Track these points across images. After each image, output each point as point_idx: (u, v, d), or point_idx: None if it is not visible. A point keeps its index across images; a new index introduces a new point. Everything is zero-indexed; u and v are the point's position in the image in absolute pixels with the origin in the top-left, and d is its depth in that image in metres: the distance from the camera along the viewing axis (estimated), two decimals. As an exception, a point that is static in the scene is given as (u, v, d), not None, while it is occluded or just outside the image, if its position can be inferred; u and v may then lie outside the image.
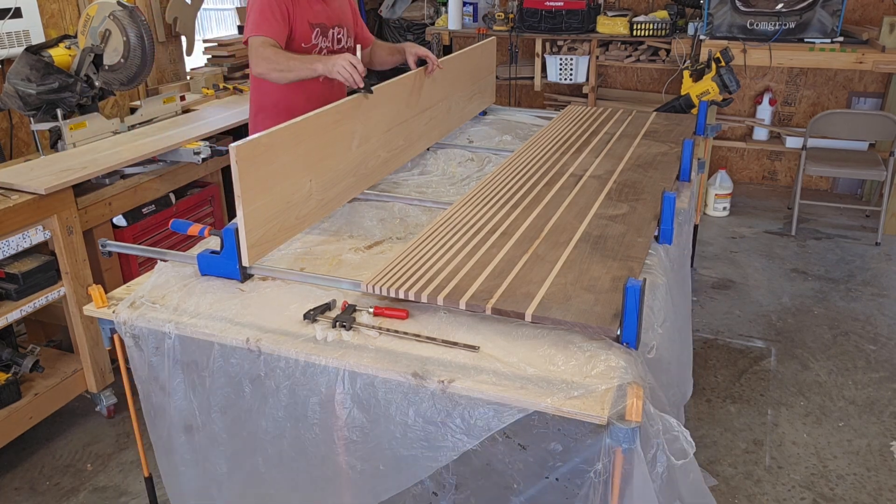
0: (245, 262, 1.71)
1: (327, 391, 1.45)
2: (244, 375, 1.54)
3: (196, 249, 1.88)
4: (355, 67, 2.21)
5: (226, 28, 7.77)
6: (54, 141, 2.99)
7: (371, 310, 1.56)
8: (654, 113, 3.18)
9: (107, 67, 3.07)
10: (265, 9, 2.38)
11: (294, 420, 1.51)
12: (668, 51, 4.93)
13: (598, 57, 5.12)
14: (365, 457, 1.47)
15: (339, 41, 2.64)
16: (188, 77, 4.20)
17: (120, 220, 2.94)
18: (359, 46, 2.39)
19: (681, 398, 2.07)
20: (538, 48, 5.22)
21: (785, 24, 4.36)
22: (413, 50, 2.71)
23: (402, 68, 2.69)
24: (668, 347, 1.75)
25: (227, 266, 1.72)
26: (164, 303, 1.64)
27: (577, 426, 1.30)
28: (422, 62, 2.66)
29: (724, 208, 4.93)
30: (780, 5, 4.34)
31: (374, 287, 1.58)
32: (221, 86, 4.10)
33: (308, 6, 2.50)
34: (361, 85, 2.21)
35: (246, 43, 2.41)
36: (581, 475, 1.33)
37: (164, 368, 1.62)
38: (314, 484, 1.55)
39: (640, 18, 4.94)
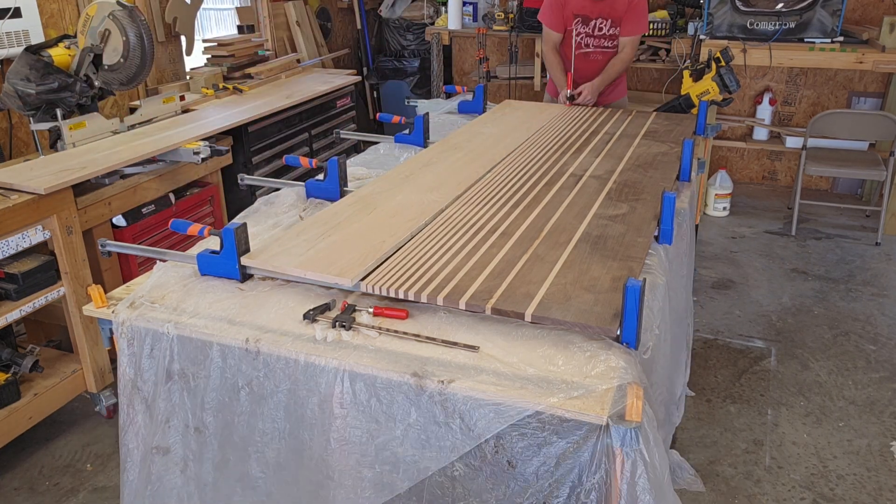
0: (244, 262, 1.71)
1: (327, 391, 1.45)
2: (241, 377, 1.53)
3: (196, 249, 1.88)
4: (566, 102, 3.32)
5: (225, 28, 7.76)
6: (54, 141, 2.98)
7: (371, 310, 1.55)
8: (654, 113, 3.17)
9: (106, 67, 3.06)
10: (548, 4, 3.42)
11: (293, 421, 1.51)
12: (668, 50, 4.92)
13: (597, 57, 5.11)
14: (364, 457, 1.46)
15: (599, 29, 3.39)
16: (188, 77, 4.20)
17: (119, 220, 2.93)
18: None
19: (669, 397, 2.06)
20: (538, 48, 5.21)
21: (785, 24, 4.36)
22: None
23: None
24: (661, 347, 1.74)
25: (226, 266, 1.72)
26: (164, 303, 1.64)
27: (575, 430, 1.29)
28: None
29: (724, 208, 4.93)
30: (780, 5, 4.34)
31: (373, 287, 1.57)
32: (221, 86, 4.09)
33: (577, 3, 3.34)
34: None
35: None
36: (577, 484, 1.32)
37: (153, 374, 1.60)
38: (312, 486, 1.54)
39: (640, 18, 4.93)
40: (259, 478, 1.59)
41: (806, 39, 4.36)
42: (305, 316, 1.54)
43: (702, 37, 4.55)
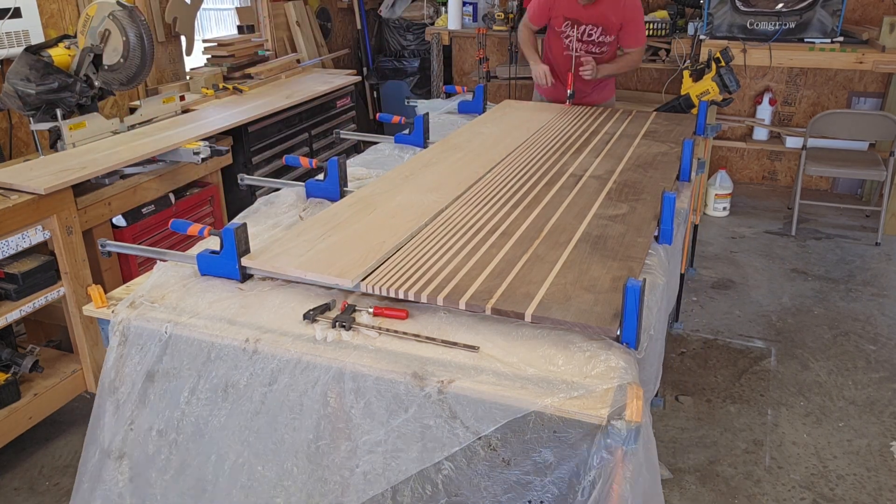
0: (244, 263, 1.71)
1: (326, 391, 1.45)
2: (239, 377, 1.52)
3: (196, 249, 1.88)
4: (544, 77, 3.39)
5: (225, 28, 7.75)
6: (54, 141, 2.98)
7: (371, 310, 1.55)
8: (654, 113, 3.18)
9: (106, 67, 3.07)
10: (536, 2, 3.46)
11: (291, 420, 1.51)
12: (668, 51, 4.92)
13: (597, 57, 5.11)
14: (363, 456, 1.46)
15: (589, 35, 3.38)
16: (188, 77, 4.20)
17: (119, 220, 2.93)
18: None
19: (649, 395, 2.07)
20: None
21: (785, 24, 4.36)
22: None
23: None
24: (652, 346, 1.74)
25: (226, 266, 1.72)
26: (164, 302, 1.64)
27: (575, 430, 1.29)
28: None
29: (724, 208, 4.93)
30: (780, 5, 4.34)
31: (373, 287, 1.57)
32: (221, 86, 4.09)
33: (568, 7, 3.33)
34: (546, 84, 3.41)
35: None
36: (576, 484, 1.32)
37: (133, 375, 1.59)
38: (310, 484, 1.54)
39: (640, 18, 4.93)
40: (255, 477, 1.58)
41: (806, 39, 4.35)
42: (305, 316, 1.54)
43: (702, 37, 4.55)
